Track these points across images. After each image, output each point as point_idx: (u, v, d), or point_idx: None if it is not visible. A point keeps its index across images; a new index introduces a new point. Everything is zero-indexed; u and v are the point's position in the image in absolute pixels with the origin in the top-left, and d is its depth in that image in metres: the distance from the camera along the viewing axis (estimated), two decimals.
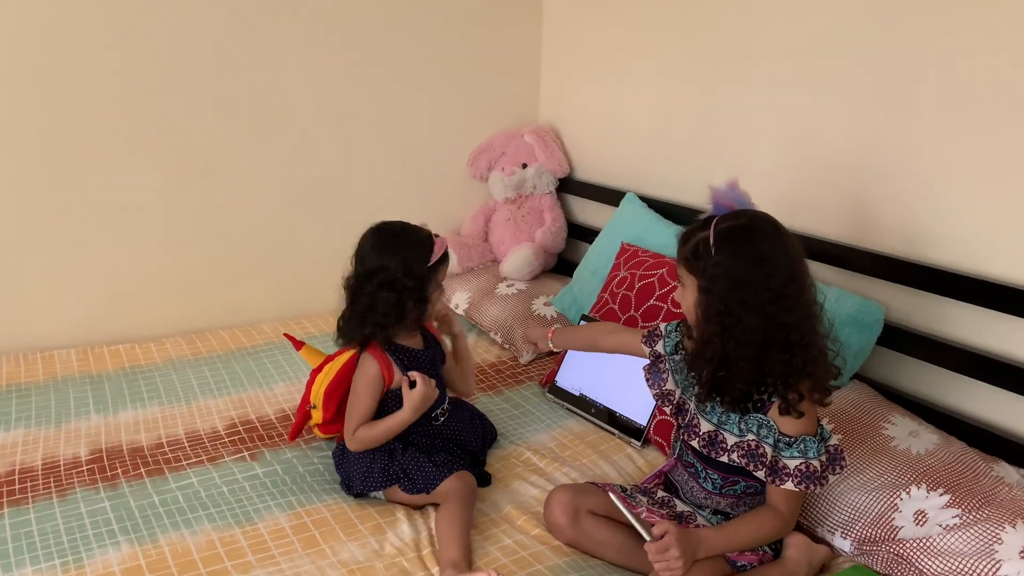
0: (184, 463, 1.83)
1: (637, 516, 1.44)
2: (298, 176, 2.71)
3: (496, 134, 3.03)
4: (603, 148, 2.87)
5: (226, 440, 1.94)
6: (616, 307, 2.21)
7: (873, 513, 1.55)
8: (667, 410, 1.59)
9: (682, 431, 1.55)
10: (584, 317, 2.26)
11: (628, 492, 1.62)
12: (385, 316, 1.65)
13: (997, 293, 1.70)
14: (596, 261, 2.54)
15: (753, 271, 1.33)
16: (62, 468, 1.79)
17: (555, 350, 1.94)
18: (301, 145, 2.69)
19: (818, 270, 2.04)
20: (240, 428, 2.00)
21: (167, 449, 1.89)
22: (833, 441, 1.45)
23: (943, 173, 1.80)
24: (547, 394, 2.23)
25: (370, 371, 1.68)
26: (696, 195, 2.45)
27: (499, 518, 1.65)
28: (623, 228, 2.52)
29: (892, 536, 1.51)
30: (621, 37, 2.69)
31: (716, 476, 1.52)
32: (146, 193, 2.47)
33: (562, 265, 2.97)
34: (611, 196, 2.76)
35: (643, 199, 2.59)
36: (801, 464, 1.39)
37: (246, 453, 1.88)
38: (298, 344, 1.99)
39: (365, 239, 1.76)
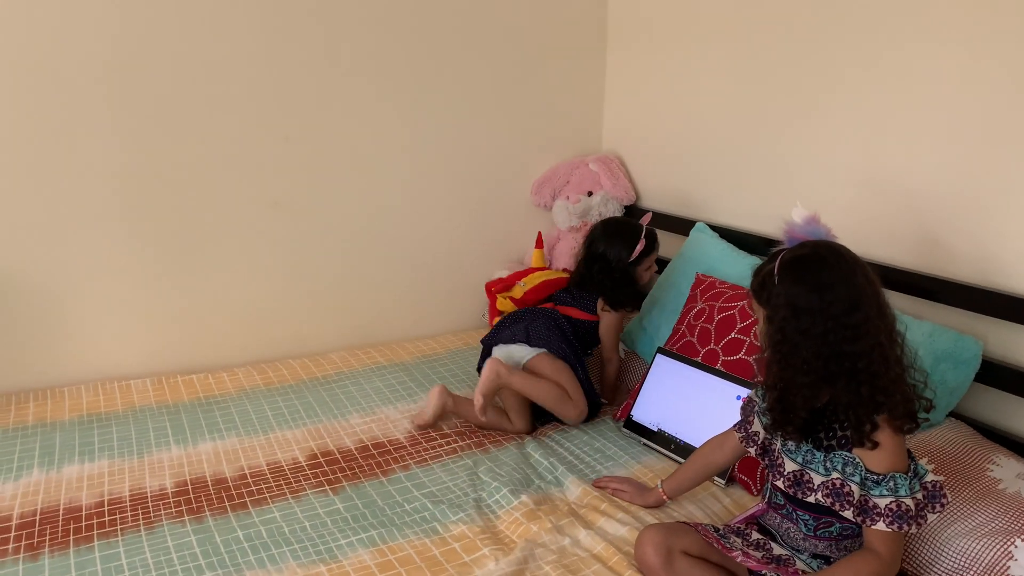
0: (267, 495, 1.82)
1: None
2: (366, 208, 2.73)
3: (560, 163, 3.02)
4: (669, 176, 2.84)
5: (308, 472, 1.93)
6: (695, 340, 2.16)
7: (985, 562, 1.48)
8: (752, 451, 1.56)
9: (768, 472, 1.51)
10: (660, 351, 2.22)
11: (721, 532, 1.58)
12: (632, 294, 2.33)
13: None
14: (667, 292, 2.50)
15: (812, 299, 1.34)
16: (149, 500, 1.79)
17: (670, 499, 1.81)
18: (369, 178, 2.71)
19: (908, 304, 1.99)
20: (321, 460, 1.99)
21: (250, 481, 1.88)
22: (930, 478, 1.39)
23: None
24: (623, 428, 2.19)
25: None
26: (767, 224, 2.42)
27: (590, 558, 1.61)
28: (695, 258, 2.48)
29: None
30: (687, 64, 2.67)
31: (808, 517, 1.47)
32: (220, 225, 2.50)
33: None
34: (678, 225, 2.73)
35: (713, 228, 2.55)
36: (892, 503, 1.34)
37: (328, 487, 1.87)
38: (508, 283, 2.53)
39: (596, 227, 2.40)
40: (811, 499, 1.42)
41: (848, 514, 1.37)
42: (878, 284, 1.39)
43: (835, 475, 1.39)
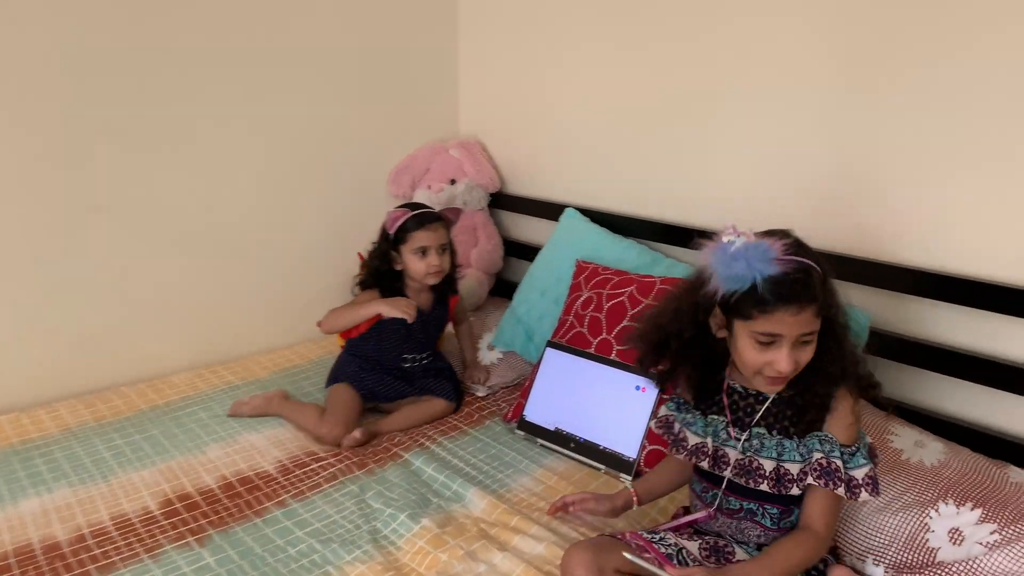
0: (116, 558, 1.52)
1: (660, 564, 1.30)
2: (206, 208, 2.40)
3: (418, 150, 2.82)
4: (534, 161, 2.72)
5: (164, 522, 1.63)
6: (585, 330, 2.05)
7: (904, 536, 1.47)
8: (704, 465, 1.45)
9: (735, 479, 1.40)
10: (551, 344, 2.09)
11: (660, 536, 1.46)
12: (368, 272, 2.18)
13: (977, 292, 1.69)
14: (544, 280, 2.38)
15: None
16: None
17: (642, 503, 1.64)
18: (208, 175, 2.38)
19: None
20: (178, 505, 1.70)
21: (92, 543, 1.56)
22: (868, 439, 1.39)
23: (912, 174, 1.77)
24: (516, 431, 2.04)
25: (368, 293, 2.17)
26: (640, 206, 2.36)
27: None
28: (571, 244, 2.37)
29: (931, 560, 1.43)
30: (544, 42, 2.56)
31: (776, 511, 1.39)
32: (26, 235, 2.10)
33: (499, 285, 2.80)
34: (547, 210, 2.62)
35: (584, 212, 2.46)
36: (869, 471, 1.33)
37: (191, 538, 1.58)
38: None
39: None
40: (795, 491, 1.35)
41: (841, 491, 1.32)
42: None
43: (817, 455, 1.33)
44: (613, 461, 1.87)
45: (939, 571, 1.41)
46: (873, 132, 1.83)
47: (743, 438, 1.39)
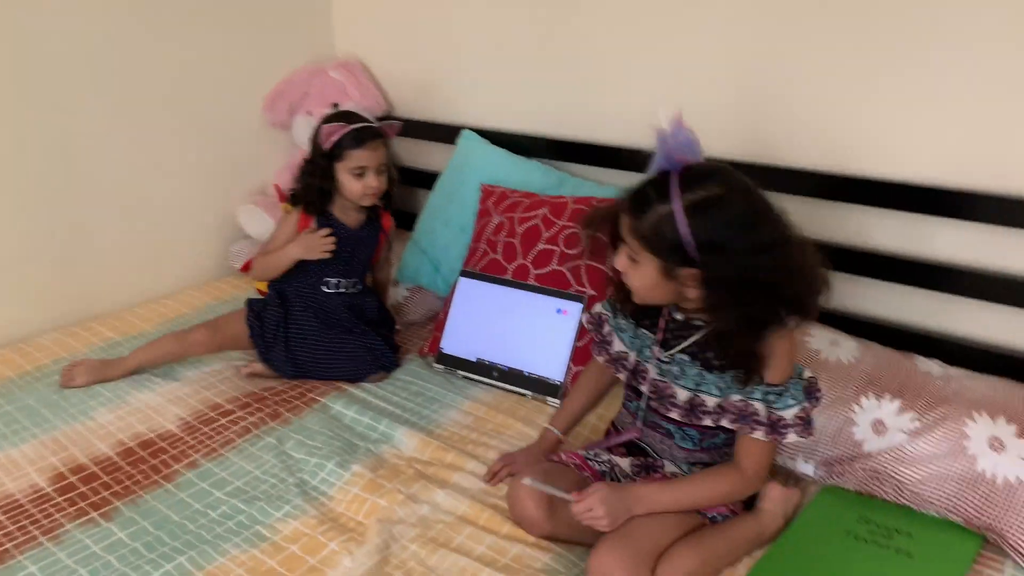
0: (9, 546, 1.34)
1: (560, 488, 1.30)
2: (57, 149, 2.11)
3: (294, 73, 2.59)
4: (423, 81, 2.57)
5: (59, 500, 1.46)
6: (499, 257, 1.98)
7: (831, 431, 1.52)
8: (621, 376, 1.44)
9: (651, 401, 1.39)
10: (464, 273, 2.01)
11: (595, 454, 1.45)
12: (305, 190, 1.91)
13: (884, 192, 1.74)
14: (446, 209, 2.28)
15: (734, 237, 1.18)
16: None
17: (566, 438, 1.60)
18: (56, 110, 2.09)
19: None
20: (73, 479, 1.52)
21: (29, 511, 1.38)
22: (807, 374, 1.34)
23: (824, 81, 1.79)
24: (435, 365, 1.97)
25: (289, 221, 1.93)
26: (543, 124, 2.28)
27: (457, 522, 1.40)
28: (472, 169, 2.27)
29: (858, 452, 1.49)
30: None
31: (695, 433, 1.39)
32: None
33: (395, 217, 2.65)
34: (440, 133, 2.50)
35: (482, 134, 2.35)
36: (800, 411, 1.28)
37: (95, 513, 1.42)
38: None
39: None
40: (708, 422, 1.33)
41: (760, 435, 1.28)
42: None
43: (736, 397, 1.29)
44: (540, 386, 1.83)
45: (867, 462, 1.47)
46: (779, 39, 1.82)
47: (664, 360, 1.36)
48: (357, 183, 1.87)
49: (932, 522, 1.37)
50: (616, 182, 2.09)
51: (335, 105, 2.54)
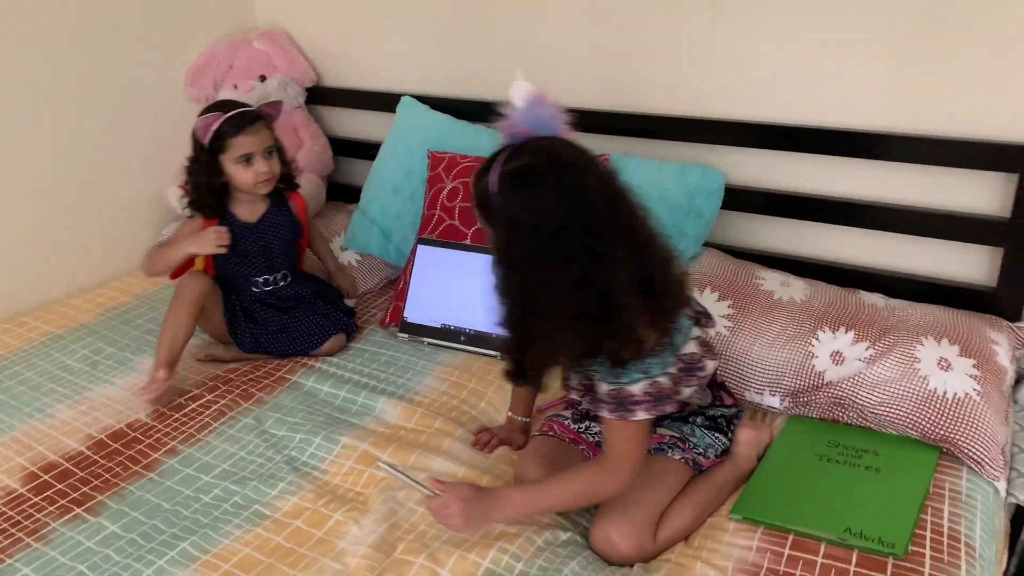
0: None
1: (418, 480, 1.28)
2: None
3: (215, 44, 2.49)
4: (353, 48, 2.51)
5: (36, 500, 1.40)
6: (457, 223, 1.99)
7: (793, 365, 1.62)
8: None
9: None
10: (421, 240, 2.01)
11: (587, 427, 1.47)
12: (196, 192, 1.84)
13: (811, 138, 1.84)
14: (393, 177, 2.26)
15: (530, 215, 1.11)
16: None
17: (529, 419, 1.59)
18: None
19: (649, 147, 2.03)
20: (46, 477, 1.46)
21: (6, 513, 1.32)
22: (690, 349, 1.25)
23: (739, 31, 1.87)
24: (399, 334, 1.97)
25: (193, 225, 1.89)
26: (485, 88, 2.28)
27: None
28: (416, 136, 2.25)
29: (821, 382, 1.59)
30: None
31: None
32: None
33: (332, 189, 2.61)
34: (374, 101, 2.46)
35: (421, 100, 2.34)
36: (647, 386, 1.18)
37: (79, 509, 1.37)
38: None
39: None
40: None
41: (606, 413, 1.19)
42: (607, 176, 1.17)
43: (590, 371, 1.22)
44: None
45: (830, 390, 1.58)
46: None
47: None
48: (246, 171, 1.80)
49: (894, 439, 1.49)
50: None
51: (262, 77, 2.50)
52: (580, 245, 1.08)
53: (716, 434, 1.44)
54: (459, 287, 1.93)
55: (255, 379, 1.77)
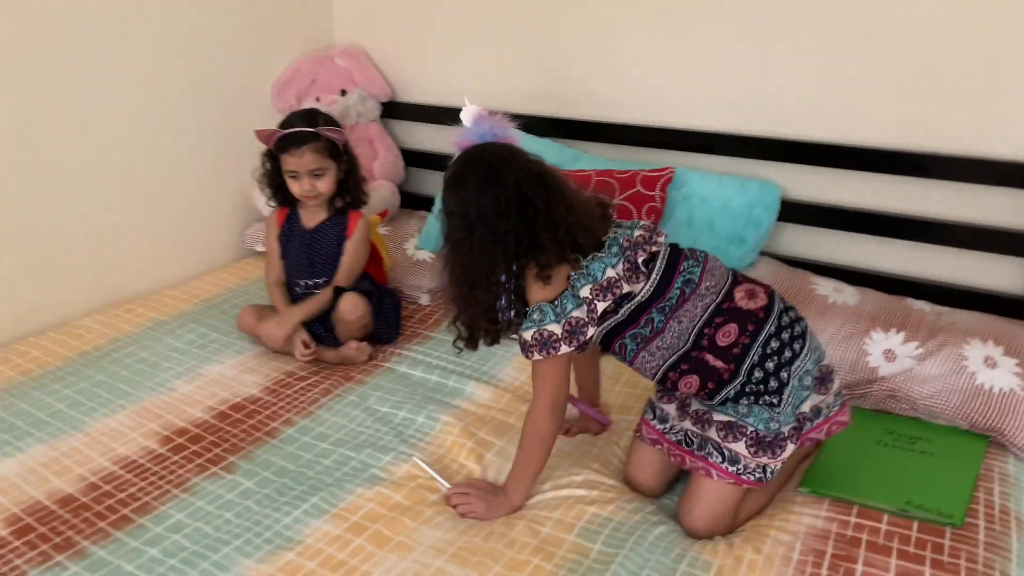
0: (147, 498, 1.45)
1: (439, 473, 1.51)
2: (88, 136, 2.18)
3: (299, 61, 2.69)
4: (429, 65, 2.70)
5: (176, 458, 1.57)
6: None
7: (848, 361, 1.78)
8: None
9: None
10: None
11: (670, 427, 1.52)
12: (265, 180, 2.04)
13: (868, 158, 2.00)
14: None
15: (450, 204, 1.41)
16: None
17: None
18: (86, 99, 2.15)
19: (714, 163, 2.21)
20: (180, 440, 1.63)
21: (109, 488, 1.49)
22: (584, 293, 1.37)
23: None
24: None
25: (271, 218, 2.10)
26: (548, 105, 2.46)
27: (559, 459, 1.56)
28: None
29: (875, 377, 1.75)
30: None
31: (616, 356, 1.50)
32: None
33: (405, 197, 2.78)
34: (444, 116, 2.61)
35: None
36: (535, 332, 1.36)
37: (215, 468, 1.54)
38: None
39: None
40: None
41: (521, 354, 1.39)
42: (526, 181, 1.38)
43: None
44: None
45: (883, 384, 1.73)
46: None
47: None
48: (294, 185, 1.98)
49: (944, 429, 1.64)
50: (626, 157, 2.30)
51: (343, 92, 2.69)
52: (499, 223, 1.34)
53: (767, 408, 1.40)
54: None
55: (354, 366, 1.94)
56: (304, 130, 1.92)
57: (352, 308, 1.94)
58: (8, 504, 1.43)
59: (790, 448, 1.38)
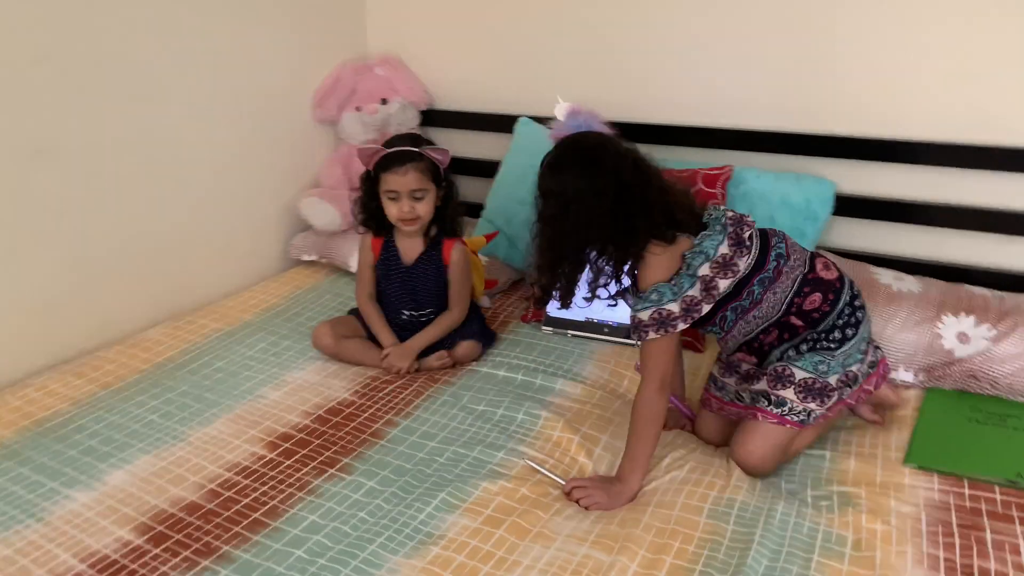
0: (273, 502, 1.45)
1: (552, 471, 1.54)
2: (145, 147, 2.16)
3: (338, 70, 2.70)
4: (464, 72, 2.73)
5: (289, 463, 1.57)
6: None
7: (923, 345, 1.84)
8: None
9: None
10: None
11: (719, 386, 1.69)
12: (360, 206, 2.01)
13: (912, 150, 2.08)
14: (519, 189, 2.44)
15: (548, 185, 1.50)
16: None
17: None
18: (129, 118, 2.11)
19: (764, 161, 2.27)
20: (288, 445, 1.63)
21: (231, 495, 1.48)
22: (703, 272, 1.47)
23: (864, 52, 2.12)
24: (544, 328, 2.16)
25: (364, 245, 2.04)
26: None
27: (669, 448, 1.60)
28: (539, 152, 2.45)
29: (952, 359, 1.81)
30: None
31: (712, 327, 1.61)
32: None
33: None
34: (488, 123, 2.68)
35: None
36: (653, 313, 1.45)
37: (332, 470, 1.54)
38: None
39: None
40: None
41: (634, 338, 1.49)
42: (624, 164, 1.47)
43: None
44: None
45: (962, 365, 1.80)
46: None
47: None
48: (392, 207, 1.91)
49: None
50: (680, 157, 2.36)
51: (383, 101, 2.70)
52: (596, 203, 1.43)
53: (821, 353, 1.56)
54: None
55: (434, 371, 1.95)
56: (409, 149, 1.90)
57: (470, 353, 1.98)
58: (135, 514, 1.42)
59: (835, 399, 1.55)
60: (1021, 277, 2.05)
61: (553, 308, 2.16)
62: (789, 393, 1.53)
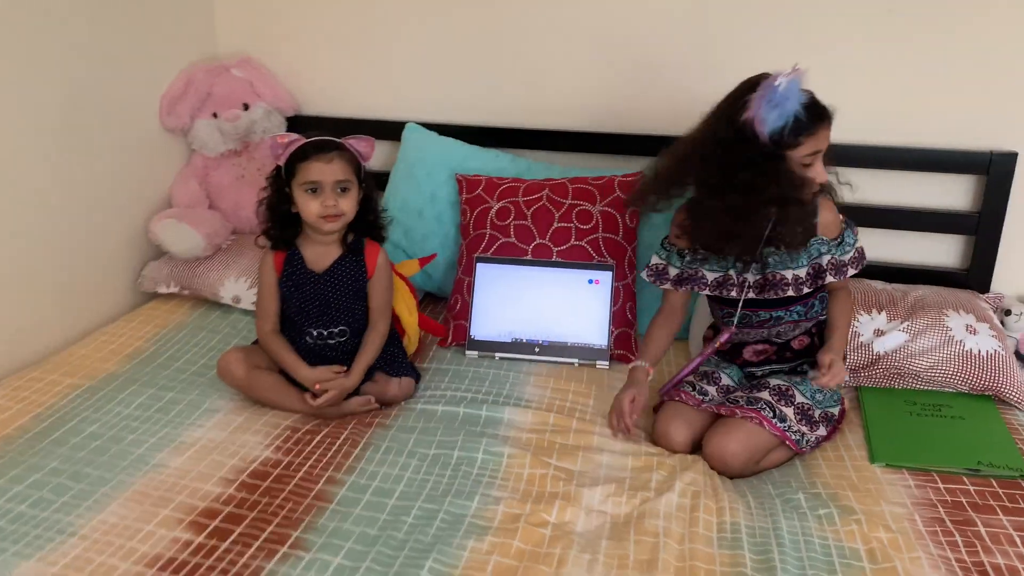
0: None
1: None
2: None
3: (190, 71, 2.35)
4: (335, 76, 2.49)
5: (225, 544, 1.27)
6: (514, 240, 2.05)
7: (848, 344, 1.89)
8: (733, 293, 1.66)
9: (757, 295, 1.65)
10: (480, 259, 2.04)
11: (697, 389, 1.69)
12: (266, 215, 1.75)
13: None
14: (415, 201, 2.25)
15: None
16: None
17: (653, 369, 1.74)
18: None
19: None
20: (216, 523, 1.32)
21: (205, 563, 1.16)
22: (847, 224, 1.69)
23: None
24: (468, 352, 1.98)
25: (266, 264, 1.76)
26: (479, 113, 2.35)
27: (640, 471, 1.50)
28: (430, 161, 2.28)
29: (874, 356, 1.86)
30: None
31: (799, 307, 1.68)
32: None
33: None
34: (360, 129, 2.39)
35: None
36: (855, 254, 1.67)
37: (284, 548, 1.27)
38: None
39: None
40: (806, 289, 1.63)
41: (830, 277, 1.63)
42: None
43: (826, 257, 1.63)
44: (585, 353, 1.96)
45: (884, 362, 1.85)
46: None
47: (759, 261, 1.62)
48: (312, 202, 1.65)
49: (955, 395, 1.79)
50: (578, 164, 2.27)
51: (245, 106, 2.39)
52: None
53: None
54: (527, 301, 2.00)
55: (363, 415, 1.72)
56: (332, 139, 1.68)
57: (406, 392, 1.79)
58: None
59: (822, 431, 1.64)
60: (908, 270, 2.18)
61: (478, 329, 2.00)
62: (789, 412, 1.60)
